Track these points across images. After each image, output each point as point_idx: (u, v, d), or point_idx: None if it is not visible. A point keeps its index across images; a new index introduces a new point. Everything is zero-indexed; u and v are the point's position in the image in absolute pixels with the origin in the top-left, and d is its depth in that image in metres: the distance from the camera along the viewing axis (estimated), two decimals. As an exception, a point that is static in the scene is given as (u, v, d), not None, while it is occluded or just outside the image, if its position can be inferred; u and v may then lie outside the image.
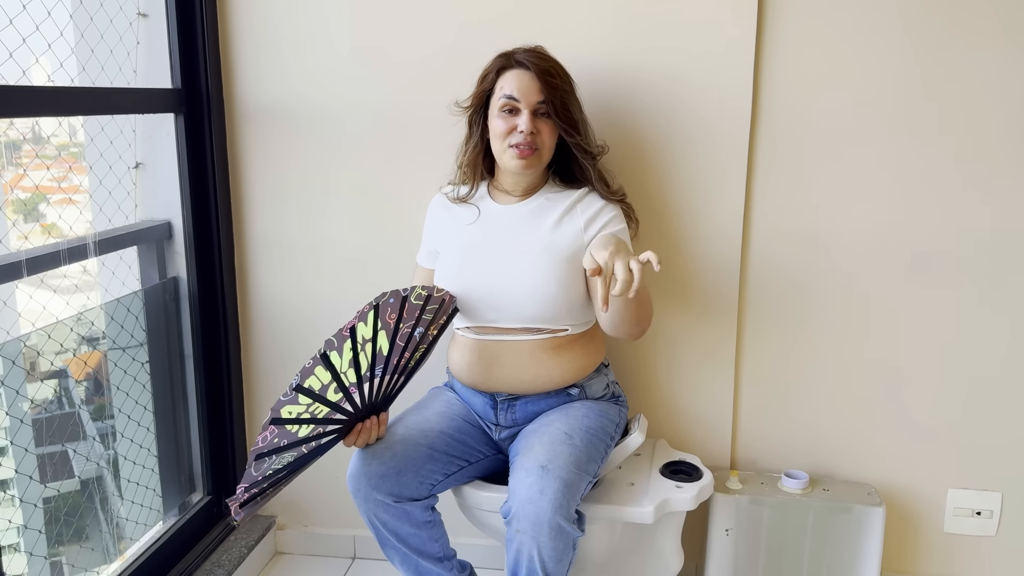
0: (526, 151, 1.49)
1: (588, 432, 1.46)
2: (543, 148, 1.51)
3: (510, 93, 1.48)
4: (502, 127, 1.49)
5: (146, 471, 1.82)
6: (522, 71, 1.49)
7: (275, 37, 1.81)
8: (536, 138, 1.49)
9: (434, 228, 1.66)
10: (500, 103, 1.49)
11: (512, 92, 1.48)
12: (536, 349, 1.52)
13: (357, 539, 2.04)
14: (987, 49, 1.61)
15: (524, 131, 1.47)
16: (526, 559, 1.34)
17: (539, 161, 1.52)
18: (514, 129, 1.48)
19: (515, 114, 1.49)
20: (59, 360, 1.64)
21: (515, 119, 1.49)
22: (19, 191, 1.68)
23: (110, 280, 1.76)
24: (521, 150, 1.48)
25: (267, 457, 1.29)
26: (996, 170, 1.66)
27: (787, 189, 1.72)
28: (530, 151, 1.49)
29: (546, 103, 1.48)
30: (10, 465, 1.50)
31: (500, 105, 1.49)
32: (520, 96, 1.48)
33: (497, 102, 1.50)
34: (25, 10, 1.42)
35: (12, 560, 1.50)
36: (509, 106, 1.49)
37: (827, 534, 1.71)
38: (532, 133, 1.48)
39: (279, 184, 1.89)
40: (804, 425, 1.83)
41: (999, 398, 1.75)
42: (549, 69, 1.49)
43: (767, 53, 1.67)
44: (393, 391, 1.47)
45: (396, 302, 1.37)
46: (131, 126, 1.80)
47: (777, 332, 1.79)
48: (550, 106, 1.48)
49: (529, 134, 1.47)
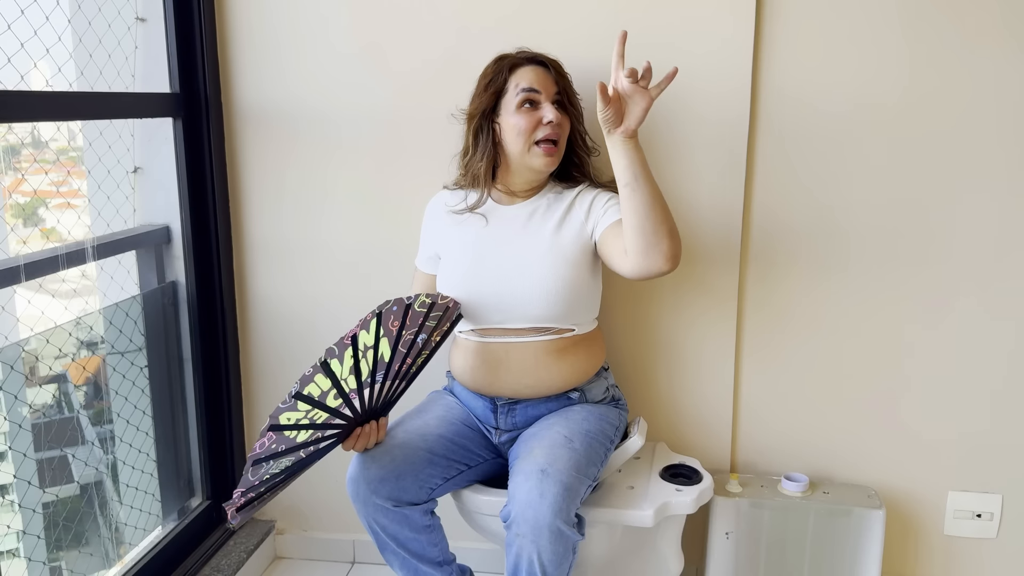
0: (552, 147, 1.50)
1: (588, 436, 1.46)
2: (562, 140, 1.53)
3: (529, 86, 1.49)
4: (524, 123, 1.49)
5: (145, 476, 1.82)
6: (535, 66, 1.52)
7: (273, 41, 1.81)
8: (559, 129, 1.51)
9: (434, 232, 1.65)
10: (519, 99, 1.50)
11: (532, 84, 1.50)
12: (541, 352, 1.52)
13: (356, 543, 2.04)
14: (986, 46, 1.61)
15: (552, 120, 1.48)
16: (526, 563, 1.33)
17: (559, 156, 1.54)
18: (539, 123, 1.49)
19: (535, 107, 1.50)
20: (58, 365, 1.63)
21: (538, 112, 1.49)
22: (18, 196, 1.68)
23: (109, 284, 1.76)
24: (547, 146, 1.50)
25: (264, 462, 1.29)
26: (996, 169, 1.66)
27: (786, 188, 1.72)
28: (555, 146, 1.51)
29: (561, 94, 1.51)
30: (9, 470, 1.50)
31: (519, 100, 1.50)
32: (541, 87, 1.50)
33: (514, 99, 1.50)
34: (23, 15, 1.42)
35: (11, 565, 1.50)
36: (529, 98, 1.49)
37: (827, 537, 1.71)
38: (559, 124, 1.50)
39: (277, 188, 1.89)
40: (804, 428, 1.83)
41: (999, 400, 1.75)
42: (557, 64, 1.54)
43: (765, 51, 1.67)
44: (393, 396, 1.47)
45: (400, 310, 1.36)
46: (129, 130, 1.80)
47: (777, 334, 1.79)
48: (564, 96, 1.52)
49: (557, 125, 1.49)
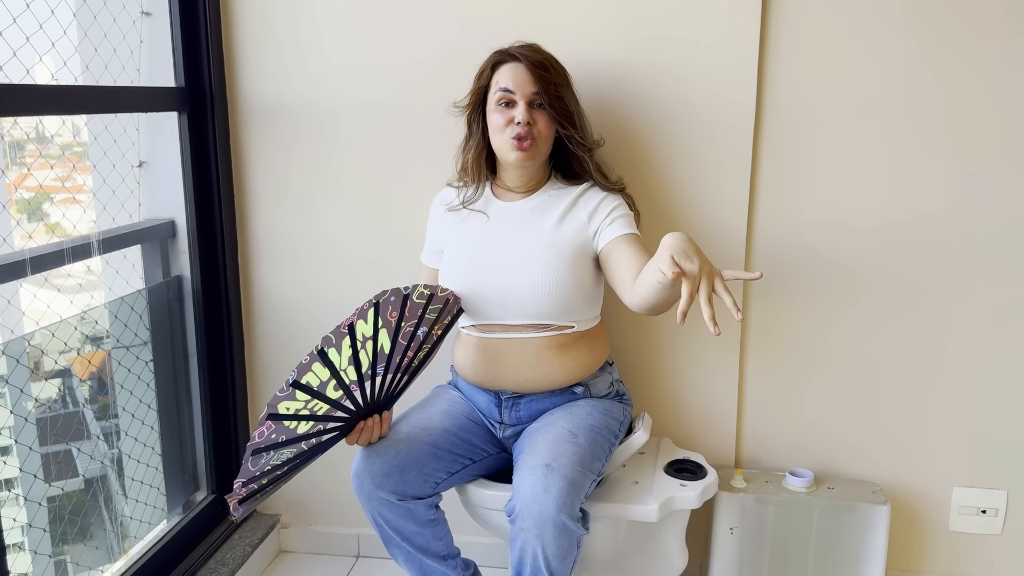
0: (524, 143, 1.49)
1: (592, 430, 1.46)
2: (540, 139, 1.52)
3: (505, 85, 1.50)
4: (500, 120, 1.51)
5: (150, 470, 1.82)
6: (516, 64, 1.51)
7: (278, 35, 1.81)
8: (533, 128, 1.50)
9: (437, 227, 1.66)
10: (496, 96, 1.51)
11: (507, 84, 1.50)
12: (542, 347, 1.52)
13: (361, 537, 2.04)
14: (993, 44, 1.60)
15: (520, 121, 1.48)
16: (530, 557, 1.34)
17: (538, 152, 1.53)
18: (511, 121, 1.50)
19: (511, 106, 1.50)
20: (63, 359, 1.64)
21: (512, 111, 1.50)
22: (23, 191, 1.68)
23: (114, 279, 1.76)
24: (518, 141, 1.49)
25: (264, 453, 1.28)
26: (1001, 166, 1.65)
27: (792, 185, 1.72)
28: (528, 142, 1.49)
29: (540, 94, 1.50)
30: (15, 464, 1.50)
31: (497, 99, 1.51)
32: (515, 88, 1.49)
33: (493, 96, 1.52)
34: (29, 9, 1.42)
35: (17, 559, 1.50)
36: (505, 99, 1.50)
37: (832, 532, 1.71)
38: (529, 124, 1.49)
39: (282, 182, 1.89)
40: (809, 423, 1.83)
41: (1005, 396, 1.75)
42: (542, 61, 1.51)
43: (771, 48, 1.66)
44: (396, 390, 1.47)
45: (397, 300, 1.36)
46: (134, 125, 1.80)
47: (782, 329, 1.79)
48: (544, 97, 1.50)
49: (526, 124, 1.48)
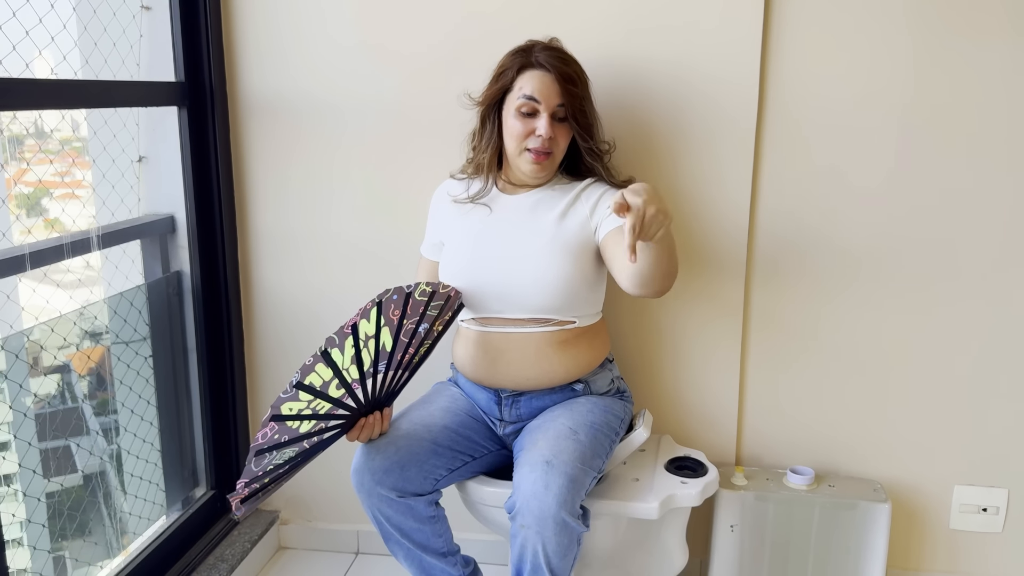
0: (542, 156, 1.48)
1: (593, 428, 1.46)
2: (557, 152, 1.51)
3: (530, 94, 1.46)
4: (519, 129, 1.48)
5: (149, 466, 1.82)
6: (543, 73, 1.47)
7: (278, 30, 1.81)
8: (552, 142, 1.48)
9: (438, 219, 1.65)
10: (519, 103, 1.48)
11: (533, 93, 1.46)
12: (542, 344, 1.52)
13: (361, 534, 2.04)
14: (994, 42, 1.60)
15: (544, 135, 1.46)
16: (530, 554, 1.33)
17: (552, 164, 1.52)
18: (532, 132, 1.47)
19: (533, 116, 1.47)
20: (62, 355, 1.63)
21: (533, 122, 1.47)
22: (22, 186, 1.68)
23: (113, 274, 1.76)
24: (537, 155, 1.48)
25: (267, 453, 1.29)
26: (1001, 163, 1.65)
27: (794, 181, 1.71)
28: (545, 156, 1.48)
29: (564, 107, 1.47)
30: (13, 460, 1.50)
31: (518, 105, 1.48)
32: (541, 98, 1.46)
33: (515, 101, 1.48)
34: (28, 3, 1.42)
35: (15, 555, 1.50)
36: (528, 108, 1.47)
37: (832, 530, 1.71)
38: (550, 138, 1.47)
39: (282, 178, 1.88)
40: (810, 421, 1.82)
41: (1006, 394, 1.74)
42: (571, 75, 1.48)
43: (774, 42, 1.66)
44: (397, 387, 1.46)
45: (400, 298, 1.36)
46: (134, 120, 1.80)
47: (783, 327, 1.78)
48: (568, 110, 1.47)
49: (549, 139, 1.47)
